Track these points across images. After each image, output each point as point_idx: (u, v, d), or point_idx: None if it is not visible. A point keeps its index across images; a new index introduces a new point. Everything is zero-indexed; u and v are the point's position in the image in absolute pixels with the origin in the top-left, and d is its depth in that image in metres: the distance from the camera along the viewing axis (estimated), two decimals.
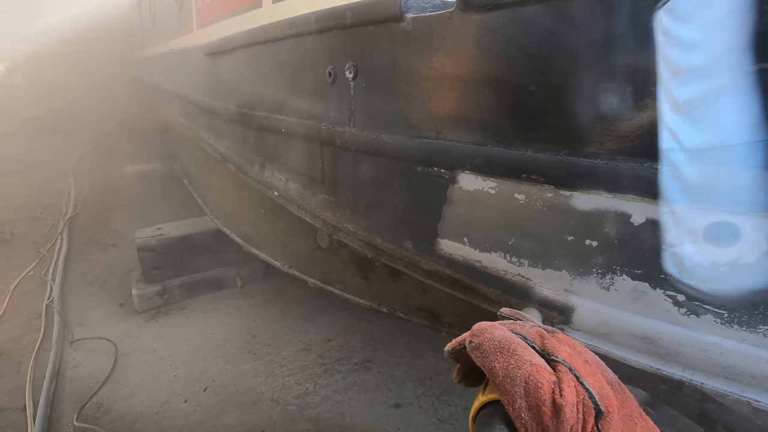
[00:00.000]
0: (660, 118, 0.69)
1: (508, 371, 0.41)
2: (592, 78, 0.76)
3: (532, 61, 0.83)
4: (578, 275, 0.84)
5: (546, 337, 0.46)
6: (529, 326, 0.48)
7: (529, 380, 0.39)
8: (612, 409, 0.40)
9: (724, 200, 0.67)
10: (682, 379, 0.72)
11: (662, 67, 0.68)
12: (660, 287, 0.73)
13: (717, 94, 0.66)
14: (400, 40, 1.06)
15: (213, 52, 2.30)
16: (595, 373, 0.42)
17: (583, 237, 0.81)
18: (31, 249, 3.59)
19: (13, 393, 2.03)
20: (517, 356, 0.42)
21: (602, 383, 0.42)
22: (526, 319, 0.55)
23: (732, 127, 0.66)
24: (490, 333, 0.45)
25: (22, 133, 7.70)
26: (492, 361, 0.42)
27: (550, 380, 0.40)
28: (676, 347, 0.72)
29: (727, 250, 0.67)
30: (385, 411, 2.00)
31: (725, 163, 0.67)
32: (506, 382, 0.40)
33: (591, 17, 0.74)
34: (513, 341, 0.43)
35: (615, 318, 0.79)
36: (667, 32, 0.66)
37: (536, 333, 0.47)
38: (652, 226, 0.72)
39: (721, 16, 0.64)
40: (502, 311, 0.58)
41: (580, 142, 0.78)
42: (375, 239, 1.29)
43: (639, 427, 0.40)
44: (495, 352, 0.43)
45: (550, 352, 0.44)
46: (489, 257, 0.98)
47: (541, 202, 0.86)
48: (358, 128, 1.26)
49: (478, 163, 0.94)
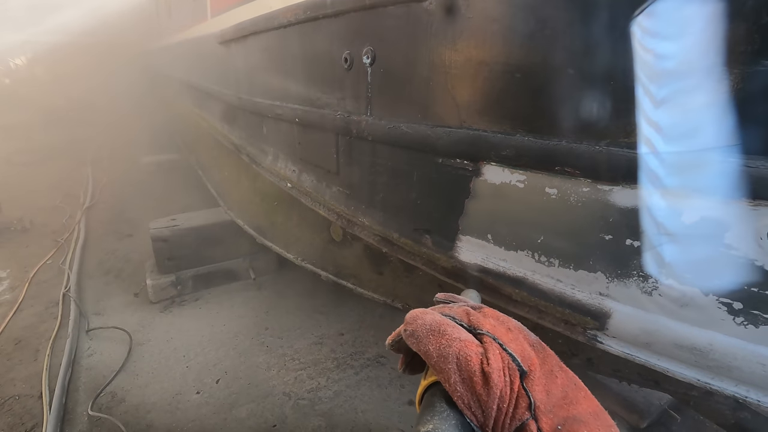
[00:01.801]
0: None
1: (440, 351, 0.43)
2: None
3: (570, 42, 0.75)
4: (616, 278, 0.76)
5: (472, 314, 0.49)
6: (457, 307, 0.51)
7: (460, 355, 0.42)
8: (534, 367, 0.43)
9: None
10: (735, 395, 0.65)
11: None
12: (713, 293, 0.65)
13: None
14: (422, 21, 0.99)
15: (226, 40, 2.25)
16: (518, 338, 0.45)
17: (623, 236, 0.74)
18: (50, 238, 3.65)
19: (30, 380, 2.06)
20: (447, 335, 0.44)
21: (524, 346, 0.45)
22: (459, 301, 0.58)
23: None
24: (422, 319, 0.47)
25: (42, 124, 7.85)
26: (426, 345, 0.45)
27: (477, 352, 0.42)
28: (731, 360, 0.65)
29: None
30: (398, 408, 1.96)
31: None
32: (440, 361, 0.43)
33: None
34: (442, 322, 0.46)
35: (658, 326, 0.72)
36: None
37: (463, 312, 0.49)
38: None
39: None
40: (437, 296, 0.60)
41: (624, 131, 0.71)
42: (391, 234, 1.23)
43: (560, 379, 0.43)
44: (428, 335, 0.45)
45: (476, 326, 0.46)
46: (515, 256, 0.91)
47: (576, 197, 0.79)
48: (375, 117, 1.20)
49: (506, 154, 0.87)
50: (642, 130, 0.68)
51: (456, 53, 0.93)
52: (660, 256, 0.71)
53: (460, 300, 0.59)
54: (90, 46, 9.33)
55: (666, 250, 0.70)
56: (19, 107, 8.14)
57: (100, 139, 7.08)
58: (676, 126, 0.66)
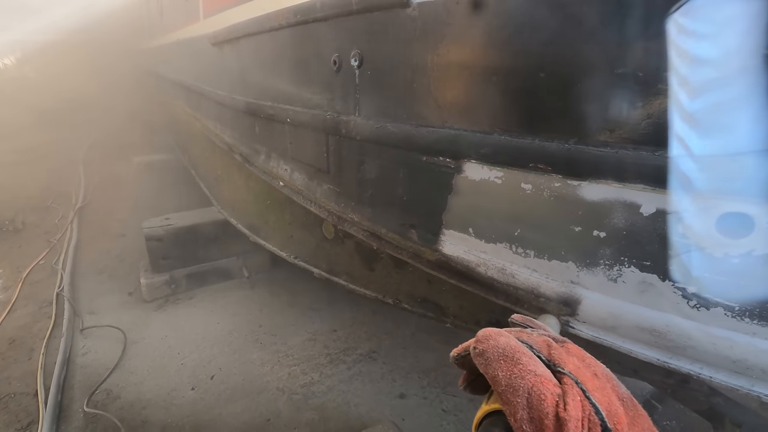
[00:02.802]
0: (672, 109, 0.67)
1: (511, 381, 0.39)
2: (602, 64, 0.74)
3: (542, 48, 0.81)
4: (585, 267, 0.82)
5: (553, 347, 0.44)
6: (536, 335, 0.47)
7: (532, 391, 0.38)
8: (621, 426, 0.38)
9: (737, 190, 0.65)
10: (690, 372, 0.71)
11: (675, 58, 0.66)
12: (669, 279, 0.71)
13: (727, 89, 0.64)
14: (406, 26, 1.04)
15: (219, 42, 2.29)
16: (605, 388, 0.40)
17: (590, 228, 0.80)
18: (42, 238, 3.65)
19: (25, 378, 2.07)
20: (521, 365, 0.40)
21: (611, 398, 0.40)
22: (538, 327, 0.53)
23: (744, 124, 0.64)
24: (495, 340, 0.43)
25: (33, 124, 7.79)
26: (495, 369, 0.41)
27: (554, 392, 0.38)
28: (685, 340, 0.71)
29: (740, 241, 0.65)
30: (390, 401, 2.01)
31: (739, 154, 0.64)
32: (509, 391, 0.39)
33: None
34: (518, 349, 0.42)
35: (622, 310, 0.77)
36: (680, 30, 0.64)
37: (543, 342, 0.45)
38: (662, 217, 0.70)
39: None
40: (513, 318, 0.55)
41: (590, 130, 0.76)
42: (380, 229, 1.28)
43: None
44: (498, 360, 0.41)
45: (557, 363, 0.42)
46: (494, 248, 0.97)
47: (549, 191, 0.84)
48: (363, 117, 1.25)
49: (485, 152, 0.93)
50: (672, 132, 0.67)
51: (438, 57, 0.99)
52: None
53: (538, 326, 0.53)
54: (80, 45, 9.27)
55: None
56: (9, 107, 8.06)
57: (91, 138, 7.05)
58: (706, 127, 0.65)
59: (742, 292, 0.67)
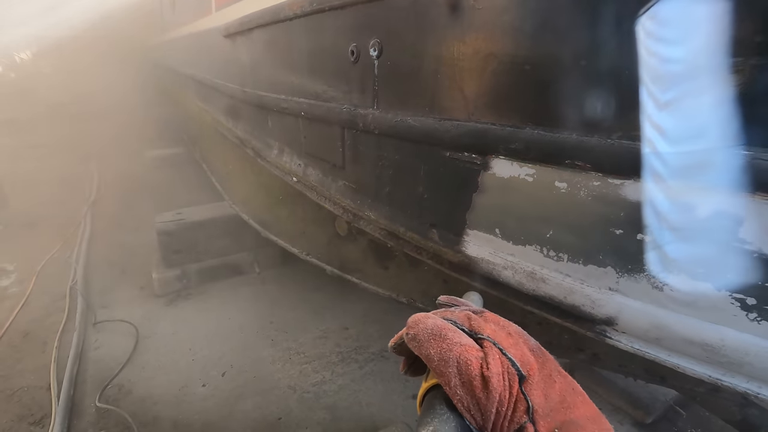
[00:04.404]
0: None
1: (441, 355, 0.44)
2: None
3: (580, 34, 0.74)
4: (626, 273, 0.76)
5: (473, 318, 0.49)
6: (458, 311, 0.51)
7: (460, 359, 0.43)
8: (533, 372, 0.43)
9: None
10: (747, 391, 0.64)
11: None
12: (726, 288, 0.64)
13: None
14: (429, 13, 0.98)
15: (231, 33, 2.24)
16: (518, 343, 0.46)
17: (633, 231, 0.73)
18: (56, 232, 3.68)
19: (39, 372, 2.08)
20: (448, 340, 0.45)
21: (523, 351, 0.45)
22: (461, 304, 0.58)
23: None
24: (423, 323, 0.48)
25: (48, 118, 7.88)
26: (427, 349, 0.45)
27: (477, 356, 0.43)
28: (742, 356, 0.64)
29: None
30: (402, 402, 1.97)
31: None
32: (441, 365, 0.43)
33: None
34: (444, 327, 0.47)
35: (668, 321, 0.71)
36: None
37: (464, 316, 0.50)
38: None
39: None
40: (439, 299, 0.60)
41: (635, 124, 0.70)
42: (398, 228, 1.23)
43: (558, 383, 0.44)
44: (429, 339, 0.46)
45: (477, 331, 0.47)
46: (523, 251, 0.91)
47: (586, 191, 0.78)
48: (381, 110, 1.19)
49: (515, 148, 0.86)
50: (646, 128, 0.67)
51: (464, 45, 0.92)
52: (670, 252, 0.70)
53: (462, 303, 0.59)
54: (94, 40, 9.33)
55: (676, 246, 0.69)
56: (25, 102, 8.16)
57: (104, 133, 7.10)
58: (682, 123, 0.65)
59: None
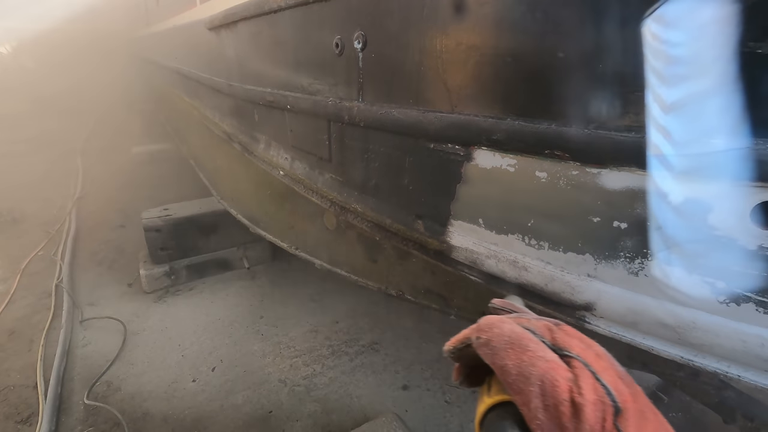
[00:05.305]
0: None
1: (521, 369, 0.38)
2: (628, 40, 0.68)
3: (561, 24, 0.75)
4: (604, 259, 0.78)
5: (555, 331, 0.42)
6: (535, 319, 0.45)
7: (545, 378, 0.37)
8: (627, 405, 0.37)
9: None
10: (716, 371, 0.67)
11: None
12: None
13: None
14: (413, 5, 0.98)
15: (216, 26, 2.21)
16: (609, 368, 0.40)
17: (611, 218, 0.75)
18: (41, 229, 3.61)
19: (25, 370, 2.05)
20: (530, 352, 0.39)
21: (615, 378, 0.39)
22: (523, 311, 0.51)
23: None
24: (499, 328, 0.41)
25: (31, 113, 7.71)
26: (503, 359, 0.39)
27: (566, 377, 0.37)
28: (712, 338, 0.67)
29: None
30: (392, 393, 1.99)
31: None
32: (520, 380, 0.37)
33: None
34: (524, 336, 0.40)
35: (644, 305, 0.73)
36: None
37: (544, 326, 0.43)
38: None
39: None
40: (493, 302, 0.53)
41: (613, 113, 0.71)
42: (384, 220, 1.24)
43: (650, 422, 0.38)
44: (506, 348, 0.40)
45: (562, 346, 0.40)
46: (506, 240, 0.92)
47: (565, 180, 0.79)
48: (366, 103, 1.19)
49: (497, 139, 0.87)
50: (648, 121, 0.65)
51: (447, 38, 0.93)
52: (645, 239, 0.72)
53: (520, 309, 0.51)
54: (77, 33, 9.12)
55: (650, 233, 0.71)
56: (6, 97, 7.97)
57: (89, 128, 6.98)
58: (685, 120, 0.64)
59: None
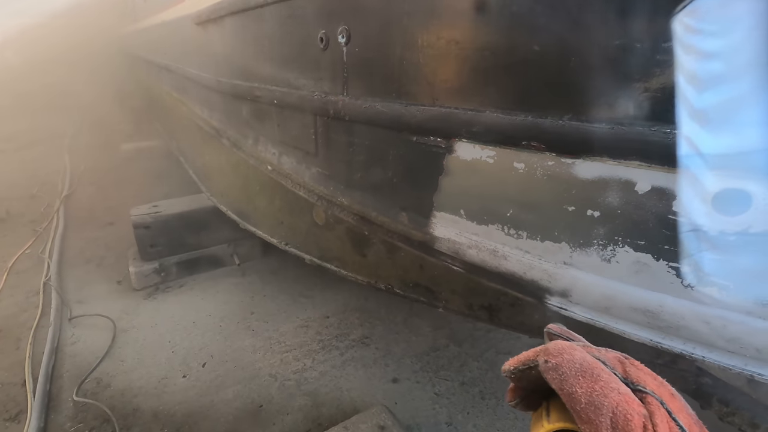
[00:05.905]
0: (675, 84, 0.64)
1: (592, 398, 0.37)
2: (599, 36, 0.71)
3: (535, 20, 0.77)
4: (579, 247, 0.80)
5: (626, 364, 0.42)
6: (605, 351, 0.44)
7: (618, 410, 0.35)
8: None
9: (736, 165, 0.62)
10: (682, 352, 0.70)
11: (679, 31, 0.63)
12: (663, 259, 0.70)
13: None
14: (395, 0, 1.00)
15: (203, 21, 2.20)
16: (683, 409, 0.39)
17: (584, 207, 0.78)
18: (28, 227, 3.57)
19: (13, 368, 2.04)
20: (603, 382, 0.37)
21: (690, 421, 0.38)
22: (575, 338, 0.50)
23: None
24: (570, 354, 0.40)
25: (16, 110, 7.58)
26: (573, 386, 0.38)
27: (640, 412, 0.36)
28: (678, 320, 0.69)
29: (737, 218, 0.63)
30: (382, 386, 2.01)
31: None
32: (589, 410, 0.36)
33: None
34: (596, 366, 0.39)
35: (616, 291, 0.76)
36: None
37: (615, 359, 0.42)
38: (658, 194, 0.68)
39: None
40: (550, 327, 0.51)
41: (584, 105, 0.74)
42: (370, 213, 1.26)
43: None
44: (576, 375, 0.38)
45: (635, 381, 0.40)
46: (486, 230, 0.95)
47: (542, 170, 0.82)
48: (351, 97, 1.20)
49: (476, 131, 0.89)
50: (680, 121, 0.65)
51: (428, 33, 0.95)
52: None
53: (575, 337, 0.50)
54: (63, 28, 8.97)
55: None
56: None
57: (77, 125, 6.88)
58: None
59: (737, 271, 0.66)
